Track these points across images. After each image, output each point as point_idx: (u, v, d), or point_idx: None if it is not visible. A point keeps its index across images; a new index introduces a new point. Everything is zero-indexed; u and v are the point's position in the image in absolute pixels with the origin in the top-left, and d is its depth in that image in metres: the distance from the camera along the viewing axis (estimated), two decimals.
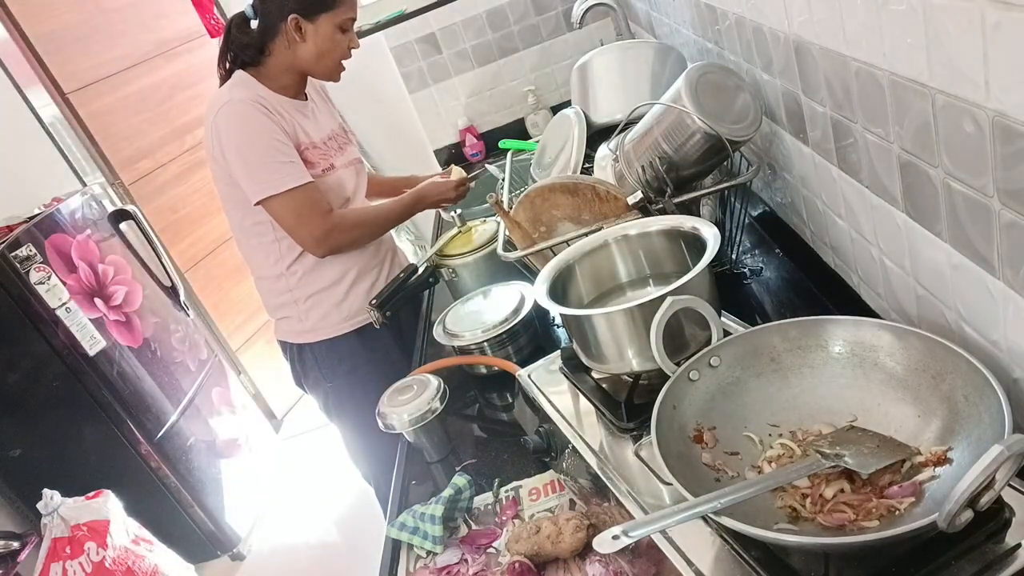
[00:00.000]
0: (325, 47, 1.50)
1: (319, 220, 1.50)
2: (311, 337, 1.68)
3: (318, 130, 1.62)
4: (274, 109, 1.50)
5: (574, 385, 1.05)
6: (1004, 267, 0.68)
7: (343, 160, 1.65)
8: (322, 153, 1.58)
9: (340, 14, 1.48)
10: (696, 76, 1.16)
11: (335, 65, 1.56)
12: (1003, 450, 0.56)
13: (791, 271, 1.29)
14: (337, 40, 1.51)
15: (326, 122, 1.67)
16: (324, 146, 1.60)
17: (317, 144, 1.58)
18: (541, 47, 2.59)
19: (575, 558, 0.94)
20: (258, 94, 1.50)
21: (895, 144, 0.80)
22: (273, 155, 1.45)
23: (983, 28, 0.57)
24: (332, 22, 1.48)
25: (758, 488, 0.69)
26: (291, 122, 1.53)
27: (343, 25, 1.49)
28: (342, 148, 1.67)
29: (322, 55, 1.51)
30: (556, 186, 1.27)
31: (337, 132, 1.70)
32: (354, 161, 1.70)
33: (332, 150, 1.63)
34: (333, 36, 1.50)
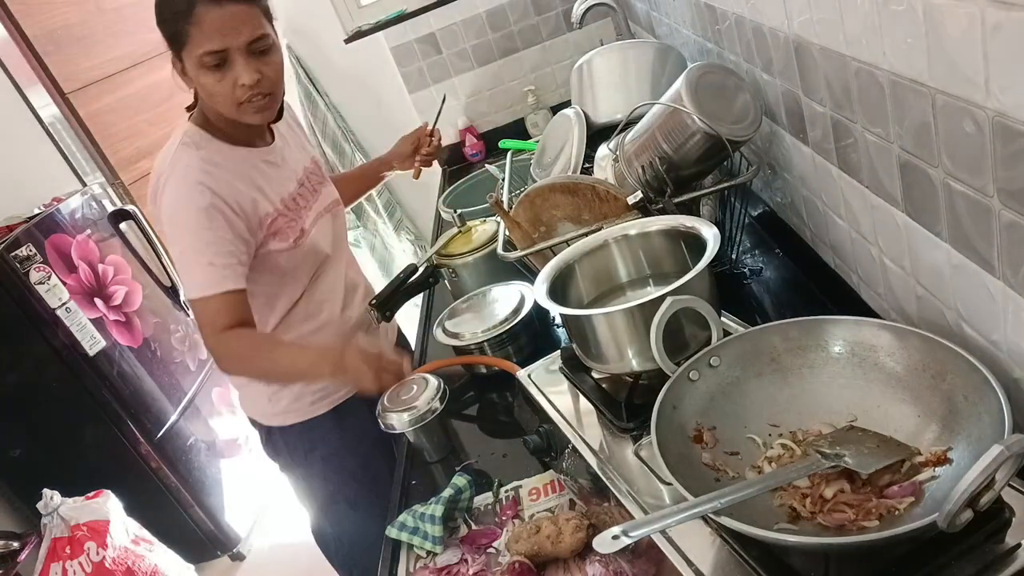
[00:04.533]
0: (205, 88, 1.22)
1: (211, 337, 1.24)
2: (281, 420, 1.48)
3: (288, 180, 1.39)
4: (226, 181, 1.25)
5: (574, 385, 1.05)
6: (1004, 267, 0.68)
7: (318, 207, 1.43)
8: (292, 217, 1.35)
9: (193, 50, 1.18)
10: (696, 76, 1.16)
11: (232, 107, 1.23)
12: (1003, 450, 0.56)
13: (791, 271, 1.29)
14: (208, 80, 1.20)
15: (297, 161, 1.45)
16: (295, 203, 1.37)
17: (287, 204, 1.35)
18: (541, 47, 2.59)
19: (575, 558, 0.94)
20: (207, 161, 1.25)
21: (895, 144, 0.80)
22: (195, 256, 1.21)
23: (983, 28, 0.57)
24: (191, 61, 1.19)
25: (758, 488, 0.69)
26: (249, 188, 1.28)
27: (201, 61, 1.18)
28: (316, 190, 1.45)
29: (210, 97, 1.23)
30: (556, 186, 1.27)
31: (311, 169, 1.48)
32: (330, 206, 1.48)
33: (305, 202, 1.40)
34: (200, 76, 1.20)
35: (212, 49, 1.17)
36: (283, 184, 1.37)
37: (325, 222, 1.45)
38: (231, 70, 1.19)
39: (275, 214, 1.32)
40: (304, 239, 1.36)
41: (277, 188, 1.35)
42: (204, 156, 1.26)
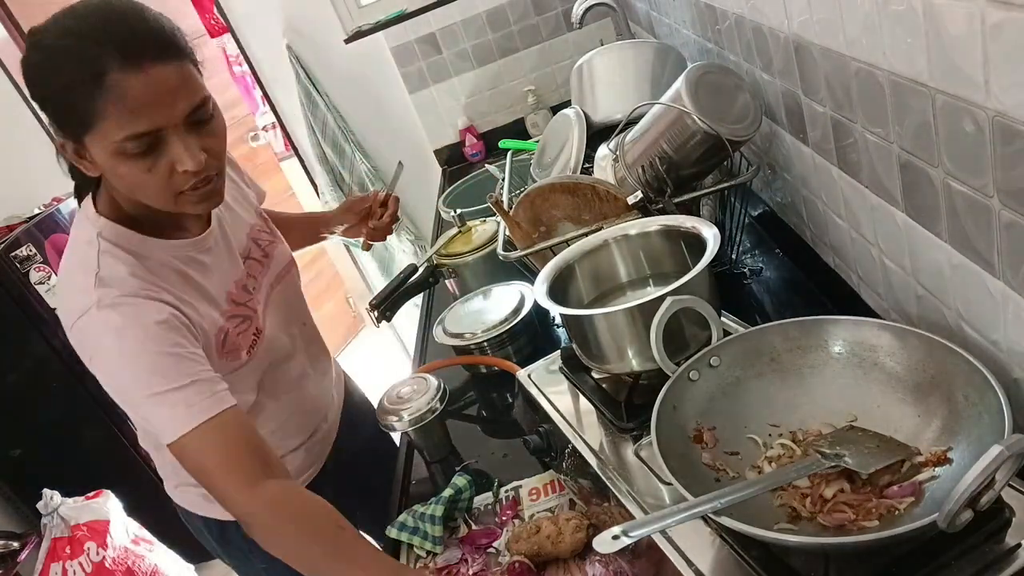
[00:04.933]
0: (125, 180, 0.92)
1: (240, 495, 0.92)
2: None
3: (232, 264, 1.11)
4: (170, 290, 0.98)
5: (574, 385, 1.05)
6: (1004, 267, 0.68)
7: (270, 278, 1.19)
8: (243, 315, 1.09)
9: (107, 134, 0.86)
10: (696, 76, 1.16)
11: (167, 200, 0.94)
12: (1003, 450, 0.56)
13: (791, 271, 1.29)
14: (131, 170, 0.89)
15: (240, 230, 1.17)
16: (244, 292, 1.11)
17: (235, 297, 1.09)
18: (541, 47, 2.59)
19: (575, 558, 0.94)
20: (139, 267, 0.96)
21: (895, 144, 0.80)
22: (163, 381, 0.91)
23: (983, 28, 0.57)
24: (102, 147, 0.87)
25: (758, 488, 0.69)
26: (195, 297, 1.02)
27: (122, 148, 0.87)
28: (264, 263, 1.18)
29: (134, 189, 0.93)
30: (556, 186, 1.27)
31: (259, 229, 1.21)
32: (284, 271, 1.23)
33: (255, 282, 1.15)
34: (118, 166, 0.88)
35: (139, 131, 0.85)
36: (227, 273, 1.10)
37: (280, 297, 1.20)
38: (164, 154, 0.89)
39: (226, 325, 1.04)
40: (260, 341, 1.11)
41: (222, 282, 1.08)
42: (133, 261, 0.96)
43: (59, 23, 0.87)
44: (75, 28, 0.85)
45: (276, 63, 2.72)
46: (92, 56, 0.83)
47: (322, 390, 1.33)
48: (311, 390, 1.28)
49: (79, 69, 0.83)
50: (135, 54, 0.84)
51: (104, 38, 0.83)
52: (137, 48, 0.84)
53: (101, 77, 0.82)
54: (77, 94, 0.84)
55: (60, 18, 0.87)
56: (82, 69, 0.83)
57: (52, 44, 0.85)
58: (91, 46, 0.83)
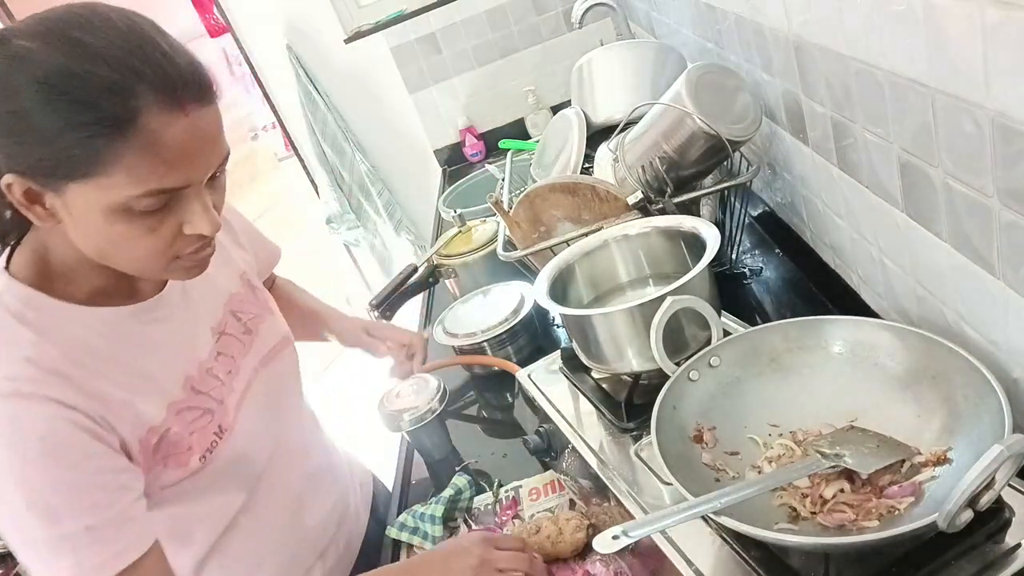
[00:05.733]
0: (109, 239, 0.72)
1: None
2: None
3: (196, 339, 0.88)
4: (80, 377, 0.74)
5: (574, 385, 1.05)
6: (1004, 267, 0.68)
7: (253, 361, 0.94)
8: (200, 411, 0.84)
9: (117, 187, 0.67)
10: (696, 76, 1.16)
11: (155, 267, 0.76)
12: (1003, 450, 0.56)
13: (791, 271, 1.29)
14: (127, 230, 0.71)
15: (215, 296, 0.94)
16: (210, 378, 0.87)
17: (196, 385, 0.85)
18: (541, 47, 2.59)
19: (575, 558, 0.94)
20: (42, 347, 0.73)
21: (895, 144, 0.80)
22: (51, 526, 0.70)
23: (983, 28, 0.57)
24: (97, 199, 0.68)
25: (758, 488, 0.69)
26: (119, 384, 0.77)
27: (130, 206, 0.69)
28: (244, 342, 0.94)
29: (115, 250, 0.74)
30: (556, 186, 1.27)
31: (241, 298, 0.97)
32: (274, 350, 0.99)
33: (229, 367, 0.91)
34: (111, 223, 0.70)
35: (164, 187, 0.69)
36: (186, 351, 0.87)
37: (265, 387, 0.95)
38: (175, 213, 0.72)
39: (167, 423, 0.80)
40: (225, 442, 0.86)
41: (175, 363, 0.84)
42: (35, 339, 0.74)
43: (70, 36, 0.66)
44: (99, 48, 0.65)
45: (276, 63, 2.72)
46: (125, 89, 0.65)
47: (321, 520, 1.03)
48: (305, 520, 1.01)
49: (107, 104, 0.65)
50: (176, 93, 0.67)
51: (140, 67, 0.66)
52: (179, 85, 0.68)
53: (133, 119, 0.65)
54: (91, 134, 0.65)
55: (68, 29, 0.66)
56: (110, 105, 0.65)
57: (65, 64, 0.65)
58: (126, 76, 0.65)
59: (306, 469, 1.03)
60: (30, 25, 0.68)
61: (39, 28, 0.67)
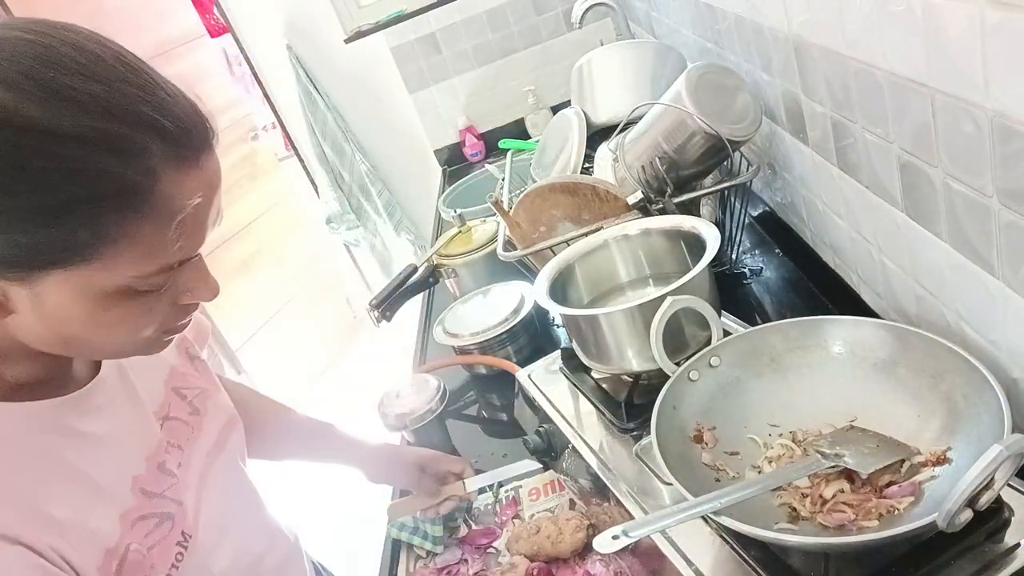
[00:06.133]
0: (81, 324, 0.57)
1: None
2: None
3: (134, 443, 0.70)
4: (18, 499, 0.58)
5: (574, 385, 1.05)
6: (1003, 267, 0.68)
7: (201, 449, 0.77)
8: (157, 518, 0.68)
9: (117, 268, 0.54)
10: (696, 76, 1.16)
11: (140, 344, 0.63)
12: (1002, 450, 0.56)
13: (791, 271, 1.29)
14: (119, 314, 0.58)
15: (150, 381, 0.75)
16: (155, 481, 0.69)
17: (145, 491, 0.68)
18: (541, 47, 2.59)
19: (575, 558, 0.94)
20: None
21: (895, 144, 0.80)
22: None
23: (983, 28, 0.57)
24: (85, 286, 0.55)
25: (758, 488, 0.69)
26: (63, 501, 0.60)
27: (129, 288, 0.57)
28: (192, 425, 0.77)
29: (87, 335, 0.59)
30: (556, 186, 1.27)
31: (182, 383, 0.79)
32: (223, 433, 0.82)
33: (178, 464, 0.73)
34: (99, 310, 0.56)
35: (181, 260, 0.58)
36: (131, 446, 0.69)
37: (223, 476, 0.79)
38: (171, 286, 0.60)
39: (124, 540, 0.63)
40: (191, 553, 0.69)
41: (121, 463, 0.67)
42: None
43: (56, 83, 0.50)
44: (99, 97, 0.51)
45: (276, 63, 2.72)
46: (140, 148, 0.51)
47: None
48: None
49: (119, 170, 0.51)
50: (189, 143, 0.54)
51: (151, 117, 0.52)
52: (190, 132, 0.55)
53: (151, 186, 0.52)
54: (98, 211, 0.51)
55: (49, 73, 0.50)
56: (124, 171, 0.51)
57: (58, 123, 0.49)
58: (136, 131, 0.51)
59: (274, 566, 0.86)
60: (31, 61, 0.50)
61: (8, 73, 0.49)
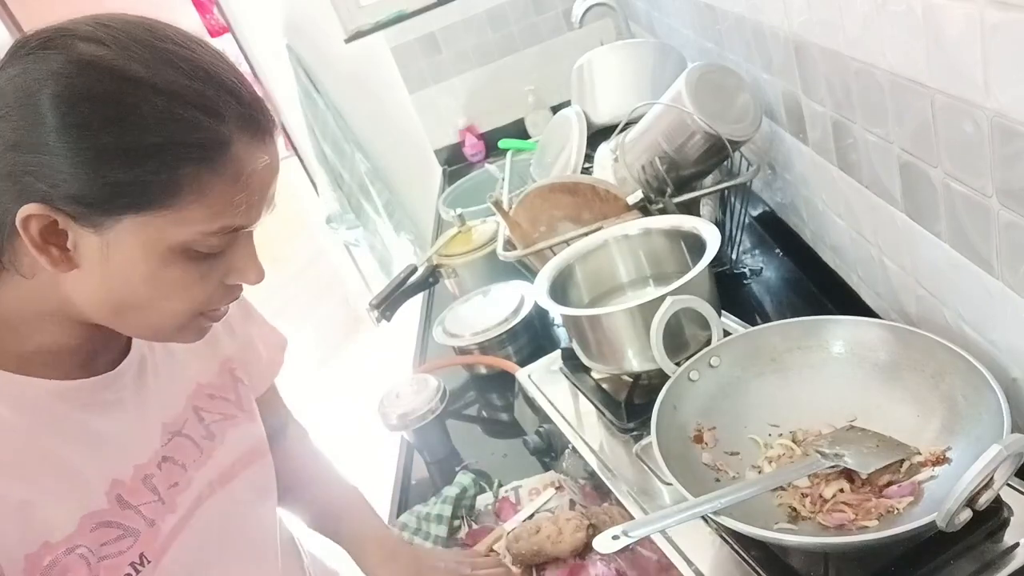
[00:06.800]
0: (144, 283, 0.59)
1: None
2: None
3: (128, 445, 0.67)
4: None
5: (574, 385, 1.05)
6: (1003, 267, 0.68)
7: (205, 476, 0.73)
8: (119, 532, 0.63)
9: (188, 222, 0.57)
10: (696, 76, 1.16)
11: (180, 322, 0.64)
12: (1001, 450, 0.56)
13: (791, 271, 1.29)
14: (178, 275, 0.60)
15: (172, 391, 0.74)
16: (136, 493, 0.66)
17: (121, 500, 0.64)
18: (541, 47, 2.58)
19: (575, 558, 0.94)
20: None
21: (895, 144, 0.80)
22: None
23: (983, 28, 0.57)
24: (154, 237, 0.57)
25: (758, 488, 0.69)
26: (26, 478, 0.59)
27: (194, 245, 0.59)
28: (203, 448, 0.74)
29: (145, 296, 0.60)
30: (556, 186, 1.27)
31: (207, 404, 0.76)
32: (236, 469, 0.77)
33: (172, 485, 0.69)
34: (162, 267, 0.59)
35: (240, 224, 0.61)
36: (125, 448, 0.67)
37: (218, 509, 0.74)
38: (223, 260, 0.63)
39: (69, 542, 0.60)
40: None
41: (105, 464, 0.65)
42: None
43: (153, 45, 0.57)
44: (191, 61, 0.58)
45: (276, 63, 2.72)
46: (221, 110, 0.57)
47: None
48: None
49: (205, 124, 0.56)
50: (259, 121, 0.61)
51: (232, 86, 0.59)
52: (261, 112, 0.61)
53: (227, 145, 0.57)
54: (181, 157, 0.56)
55: (145, 37, 0.57)
56: (208, 125, 0.57)
57: (155, 75, 0.55)
58: (221, 95, 0.58)
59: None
60: (93, 30, 0.56)
61: (106, 34, 0.56)
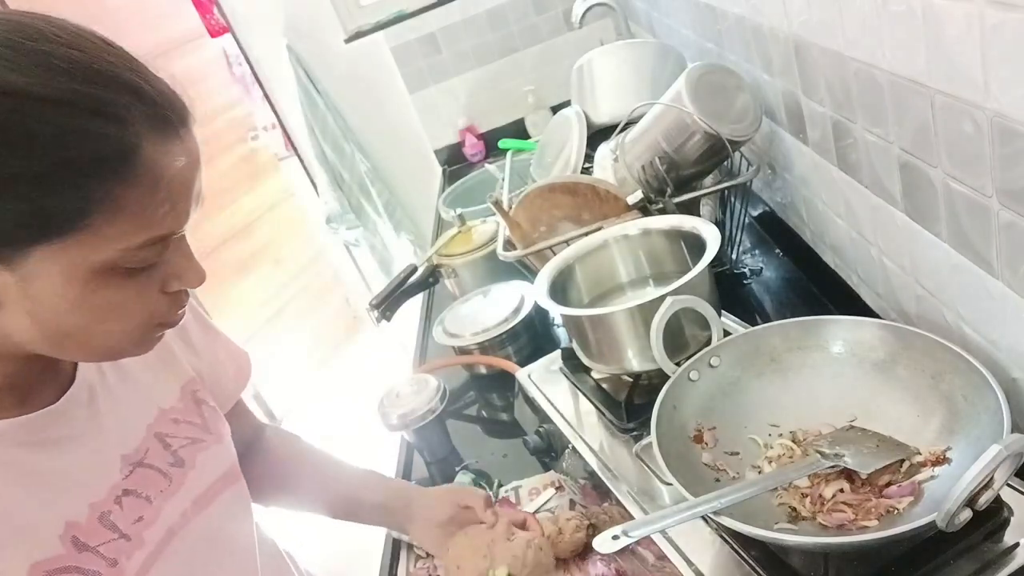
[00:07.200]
0: (74, 311, 0.54)
1: None
2: None
3: (81, 483, 0.62)
4: None
5: (574, 385, 1.05)
6: (1003, 267, 0.68)
7: (175, 507, 0.68)
8: None
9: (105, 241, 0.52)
10: (696, 76, 1.16)
11: (132, 339, 0.59)
12: (1001, 450, 0.56)
13: (791, 271, 1.29)
14: (109, 297, 0.55)
15: (130, 420, 0.68)
16: (92, 533, 0.61)
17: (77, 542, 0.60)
18: (541, 47, 2.59)
19: (575, 558, 0.94)
20: None
21: (895, 144, 0.80)
22: None
23: (983, 28, 0.57)
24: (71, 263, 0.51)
25: (758, 488, 0.69)
26: None
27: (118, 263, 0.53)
28: (170, 478, 0.69)
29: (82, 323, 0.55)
30: (556, 186, 1.27)
31: (172, 430, 0.71)
32: (210, 495, 0.72)
33: (136, 520, 0.64)
34: (87, 293, 0.53)
35: (161, 234, 0.55)
36: (79, 487, 0.62)
37: (193, 539, 0.69)
38: (158, 270, 0.58)
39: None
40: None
41: (56, 506, 0.60)
42: None
43: (35, 49, 0.50)
44: (81, 62, 0.51)
45: (276, 63, 2.72)
46: (123, 112, 0.51)
47: None
48: None
49: (104, 133, 0.50)
50: (169, 114, 0.54)
51: (133, 83, 0.53)
52: (171, 103, 0.55)
53: (135, 150, 0.51)
54: (83, 176, 0.49)
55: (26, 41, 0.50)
56: (108, 134, 0.50)
57: (41, 85, 0.49)
58: (120, 95, 0.51)
59: None
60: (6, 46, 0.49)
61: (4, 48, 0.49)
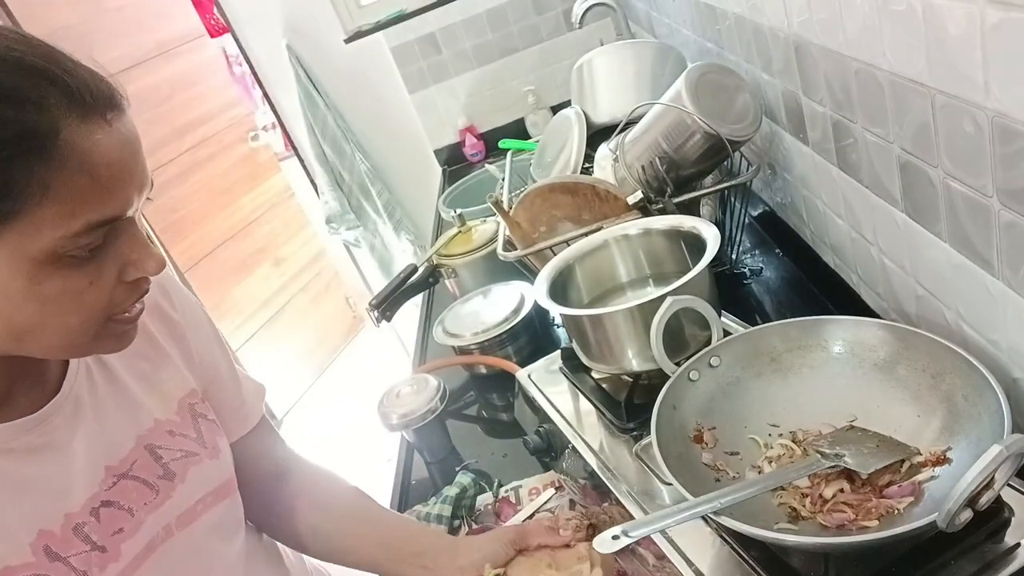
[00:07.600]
0: (24, 305, 0.54)
1: None
2: None
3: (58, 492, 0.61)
4: None
5: (574, 385, 1.05)
6: (1003, 267, 0.68)
7: (157, 520, 0.67)
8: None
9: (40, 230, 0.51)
10: (696, 76, 1.16)
11: (90, 330, 0.58)
12: (1002, 450, 0.56)
13: (791, 271, 1.29)
14: (58, 287, 0.54)
15: (118, 430, 0.67)
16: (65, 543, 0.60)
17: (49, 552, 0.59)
18: (541, 47, 2.59)
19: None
20: None
21: (895, 144, 0.80)
22: None
23: (983, 28, 0.57)
24: (11, 254, 0.51)
25: (758, 488, 0.69)
26: None
27: (59, 252, 0.52)
28: (156, 490, 0.68)
29: (34, 318, 0.54)
30: (556, 186, 1.27)
31: (163, 440, 0.70)
32: (198, 509, 0.71)
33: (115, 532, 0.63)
34: (34, 283, 0.53)
35: (99, 219, 0.54)
36: (54, 495, 0.61)
37: (174, 556, 0.68)
38: (111, 256, 0.57)
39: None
40: None
41: (30, 514, 0.59)
42: None
43: None
44: None
45: (276, 63, 2.72)
46: (37, 97, 0.51)
47: None
48: None
49: (19, 117, 0.50)
50: (91, 99, 0.53)
51: (48, 70, 0.52)
52: (92, 90, 0.54)
53: (54, 133, 0.50)
54: (6, 157, 0.49)
55: None
56: (23, 118, 0.50)
57: None
58: (34, 82, 0.51)
59: None
60: None
61: None
